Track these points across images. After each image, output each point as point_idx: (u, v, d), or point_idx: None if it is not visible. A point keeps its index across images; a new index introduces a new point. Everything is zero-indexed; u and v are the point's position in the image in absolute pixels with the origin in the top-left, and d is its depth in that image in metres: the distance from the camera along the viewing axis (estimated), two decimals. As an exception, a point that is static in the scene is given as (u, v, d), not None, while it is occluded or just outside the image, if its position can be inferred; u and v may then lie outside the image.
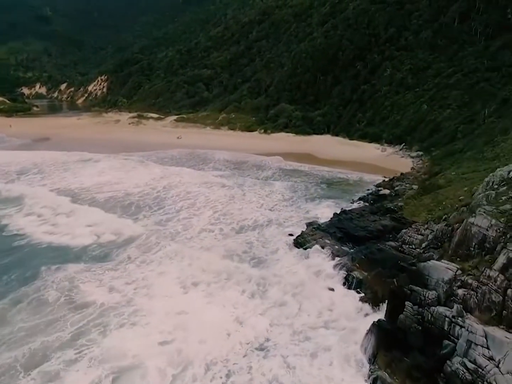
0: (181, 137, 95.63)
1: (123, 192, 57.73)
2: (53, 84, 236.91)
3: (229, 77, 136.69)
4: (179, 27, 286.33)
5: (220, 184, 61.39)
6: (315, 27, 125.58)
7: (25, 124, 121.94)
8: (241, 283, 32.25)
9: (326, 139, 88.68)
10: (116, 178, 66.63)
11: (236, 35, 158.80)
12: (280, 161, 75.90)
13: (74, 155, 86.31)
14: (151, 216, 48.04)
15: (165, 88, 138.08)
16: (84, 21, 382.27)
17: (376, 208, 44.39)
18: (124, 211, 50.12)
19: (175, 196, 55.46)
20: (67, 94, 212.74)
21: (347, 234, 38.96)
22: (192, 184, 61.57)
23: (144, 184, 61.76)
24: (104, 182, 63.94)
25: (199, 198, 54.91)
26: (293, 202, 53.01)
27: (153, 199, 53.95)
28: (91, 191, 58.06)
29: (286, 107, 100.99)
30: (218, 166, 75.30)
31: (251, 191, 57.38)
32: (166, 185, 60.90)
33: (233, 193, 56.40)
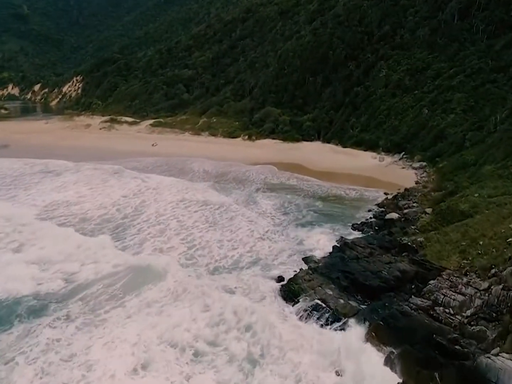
0: (157, 144, 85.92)
1: (80, 217, 47.84)
2: (26, 85, 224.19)
3: (211, 78, 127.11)
4: (160, 26, 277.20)
5: (199, 203, 51.99)
6: (303, 25, 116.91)
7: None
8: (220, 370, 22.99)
9: (317, 146, 79.81)
10: (78, 195, 56.65)
11: (219, 33, 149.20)
12: (270, 171, 66.88)
13: (34, 165, 76.25)
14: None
15: (143, 90, 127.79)
16: (64, 20, 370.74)
17: (387, 242, 35.41)
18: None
19: (143, 222, 45.89)
20: (41, 95, 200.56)
21: (354, 281, 29.99)
22: (167, 203, 52.19)
23: (110, 204, 52.01)
24: (61, 201, 53.87)
25: (172, 223, 45.52)
26: (283, 228, 43.99)
27: (114, 228, 44.18)
28: (40, 215, 48.07)
29: (272, 111, 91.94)
30: (196, 178, 65.86)
31: (235, 213, 48.08)
32: (137, 205, 51.39)
33: (214, 217, 47.08)
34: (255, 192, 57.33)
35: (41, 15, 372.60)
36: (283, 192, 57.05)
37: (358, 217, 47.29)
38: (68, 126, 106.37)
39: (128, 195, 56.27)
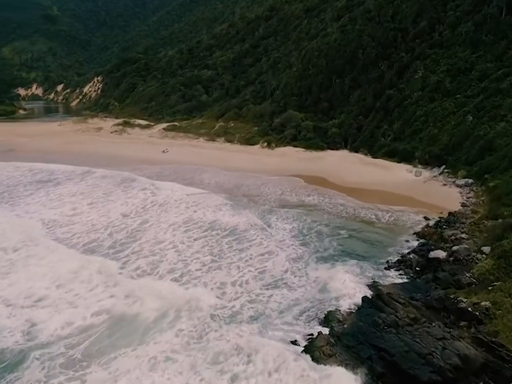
0: (168, 150, 78.27)
1: (64, 242, 40.46)
2: (49, 85, 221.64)
3: (232, 78, 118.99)
4: (185, 26, 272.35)
5: (205, 226, 43.80)
6: (329, 22, 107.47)
7: (0, 130, 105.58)
8: None
9: (343, 156, 70.50)
10: (72, 212, 49.53)
11: (241, 32, 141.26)
12: (289, 185, 58.15)
13: (34, 172, 69.92)
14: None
15: (159, 91, 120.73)
16: (92, 21, 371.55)
17: (437, 301, 26.23)
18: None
19: (134, 253, 37.91)
20: (63, 95, 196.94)
21: (394, 367, 21.08)
22: (170, 225, 44.33)
23: (104, 225, 44.65)
24: (48, 220, 46.65)
25: (168, 255, 37.49)
26: (302, 265, 35.10)
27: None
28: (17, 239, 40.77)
29: (294, 115, 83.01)
30: (206, 191, 57.71)
31: (245, 243, 39.57)
32: (134, 228, 43.71)
33: (220, 247, 38.73)
34: (270, 212, 48.65)
35: (70, 16, 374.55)
36: (302, 212, 48.21)
37: (393, 250, 38.15)
38: (80, 129, 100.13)
39: (130, 213, 48.84)
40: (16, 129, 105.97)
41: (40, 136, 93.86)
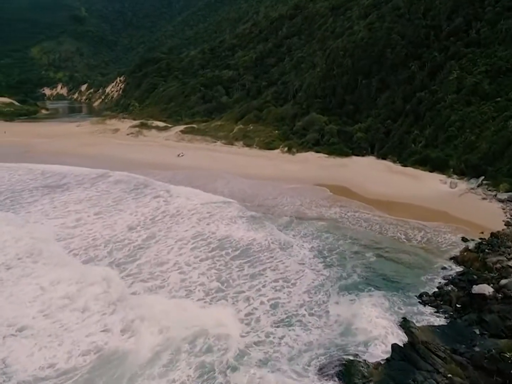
0: (183, 154, 74.10)
1: (55, 261, 36.51)
2: (74, 84, 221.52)
3: (253, 79, 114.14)
4: (210, 26, 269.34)
5: (216, 243, 39.26)
6: (356, 20, 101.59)
7: (18, 131, 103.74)
8: None
9: (369, 163, 64.89)
10: (74, 223, 45.87)
11: (265, 32, 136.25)
12: (309, 196, 53.02)
13: (46, 175, 66.92)
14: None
15: (179, 92, 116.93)
16: (119, 22, 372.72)
17: (488, 361, 20.89)
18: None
19: (131, 275, 33.61)
20: (86, 95, 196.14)
21: None
22: (177, 240, 40.10)
23: (106, 240, 40.90)
24: (46, 233, 42.87)
25: (171, 278, 33.17)
26: (323, 297, 30.02)
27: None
28: (7, 257, 36.96)
29: (317, 118, 77.71)
30: (222, 200, 53.22)
31: (258, 267, 34.74)
32: (138, 245, 39.61)
33: (229, 270, 34.06)
34: (288, 227, 43.78)
35: (97, 17, 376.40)
36: (323, 228, 43.15)
37: (426, 279, 32.78)
38: (97, 130, 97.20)
39: (137, 225, 44.76)
40: (34, 130, 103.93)
41: (57, 137, 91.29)
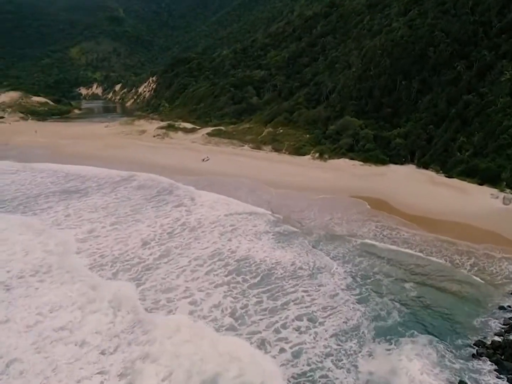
0: (208, 159, 69.89)
1: (50, 280, 32.95)
2: (108, 84, 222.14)
3: (285, 79, 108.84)
4: (244, 26, 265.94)
5: (232, 265, 34.80)
6: (395, 17, 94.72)
7: (47, 131, 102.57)
8: None
9: (409, 173, 58.67)
10: (85, 234, 42.86)
11: (298, 30, 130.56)
12: (341, 210, 47.57)
13: (69, 178, 64.56)
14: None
15: (209, 92, 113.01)
16: (155, 22, 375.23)
17: None
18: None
19: (136, 301, 29.52)
20: (120, 95, 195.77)
21: None
22: (192, 259, 36.13)
23: (114, 258, 37.50)
24: (54, 244, 39.54)
25: (179, 309, 28.94)
26: (355, 344, 24.89)
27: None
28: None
29: (351, 122, 71.87)
30: (248, 212, 48.68)
31: (280, 298, 29.92)
32: (148, 264, 35.96)
33: (245, 300, 29.58)
34: (317, 246, 38.71)
35: (134, 18, 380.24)
36: (356, 249, 37.91)
37: (481, 322, 27.13)
38: (124, 131, 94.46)
39: (152, 239, 40.92)
40: (63, 130, 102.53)
41: (83, 138, 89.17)
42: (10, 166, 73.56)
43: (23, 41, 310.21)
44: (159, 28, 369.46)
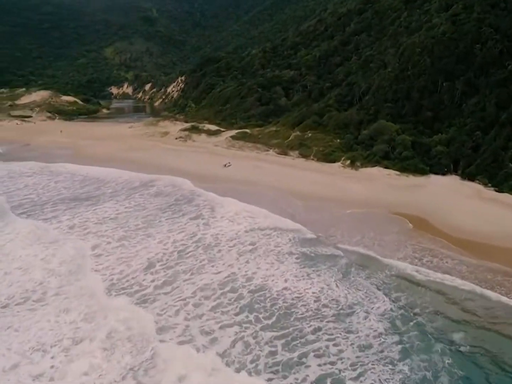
0: (230, 164, 64.64)
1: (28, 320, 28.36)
2: (138, 84, 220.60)
3: (316, 80, 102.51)
4: (275, 25, 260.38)
5: (246, 298, 29.43)
6: (435, 13, 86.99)
7: (72, 131, 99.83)
8: None
9: (452, 185, 51.60)
10: (85, 251, 37.83)
11: (331, 28, 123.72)
12: (374, 228, 41.34)
13: (84, 184, 60.61)
14: None
15: (235, 93, 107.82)
16: (188, 22, 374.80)
17: None
18: None
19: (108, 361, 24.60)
20: (149, 95, 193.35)
21: None
22: (195, 291, 30.78)
23: (111, 284, 32.64)
24: (48, 270, 35.02)
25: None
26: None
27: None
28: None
29: (387, 126, 65.14)
30: (272, 228, 43.11)
31: (296, 351, 24.20)
32: (145, 294, 30.78)
33: (255, 355, 23.95)
34: (347, 276, 32.73)
35: (167, 18, 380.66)
36: (393, 281, 31.74)
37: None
38: (146, 133, 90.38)
39: (159, 260, 35.89)
40: (87, 131, 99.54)
41: (105, 139, 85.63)
42: (28, 168, 70.61)
43: (60, 41, 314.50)
44: (192, 28, 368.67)
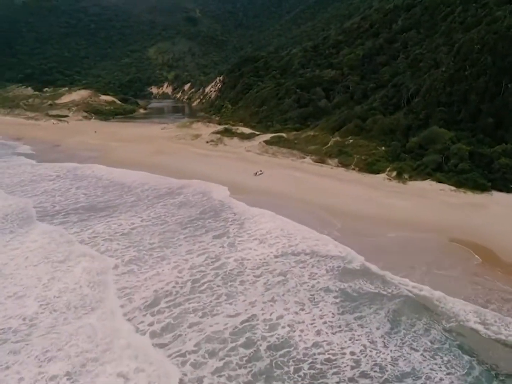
0: (261, 172, 58.38)
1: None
2: (178, 84, 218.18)
3: (359, 80, 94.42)
4: (318, 24, 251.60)
5: (260, 361, 23.21)
6: (494, 7, 77.11)
7: (104, 132, 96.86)
8: None
9: (520, 207, 43.35)
10: (76, 280, 32.94)
11: (376, 25, 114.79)
12: (425, 258, 33.93)
13: (108, 190, 56.42)
14: None
15: (273, 94, 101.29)
16: (230, 22, 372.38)
17: None
18: None
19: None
20: (188, 95, 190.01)
21: None
22: (198, 342, 24.93)
23: (91, 345, 26.59)
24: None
25: None
26: None
27: None
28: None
29: (439, 133, 56.82)
30: (309, 254, 36.58)
31: None
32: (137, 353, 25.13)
33: None
34: (393, 329, 25.67)
35: (210, 18, 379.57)
36: (461, 337, 24.47)
37: None
38: (177, 135, 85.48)
39: (168, 295, 30.13)
40: (119, 132, 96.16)
41: (134, 141, 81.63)
42: (54, 171, 67.42)
43: (106, 41, 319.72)
44: (234, 28, 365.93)
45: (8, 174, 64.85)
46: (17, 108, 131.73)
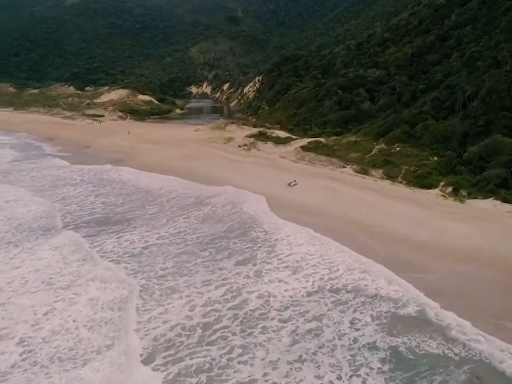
0: (296, 183, 52.03)
1: None
2: (217, 83, 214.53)
3: (407, 81, 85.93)
4: (362, 23, 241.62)
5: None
6: None
7: (136, 133, 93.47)
8: None
9: None
10: (75, 314, 28.09)
11: (426, 22, 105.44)
12: (492, 304, 26.77)
13: (131, 198, 52.16)
14: None
15: (312, 94, 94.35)
16: (272, 21, 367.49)
17: None
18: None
19: None
20: (226, 95, 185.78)
21: None
22: None
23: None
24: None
25: None
26: None
27: None
28: None
29: (504, 143, 48.43)
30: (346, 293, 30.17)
31: None
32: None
33: None
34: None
35: (252, 17, 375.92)
36: None
37: None
38: (210, 138, 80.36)
39: (168, 345, 25.15)
40: (151, 133, 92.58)
41: (164, 144, 77.37)
42: (79, 175, 64.05)
43: (149, 41, 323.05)
44: (276, 27, 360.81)
45: (31, 177, 61.81)
46: (56, 107, 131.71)
